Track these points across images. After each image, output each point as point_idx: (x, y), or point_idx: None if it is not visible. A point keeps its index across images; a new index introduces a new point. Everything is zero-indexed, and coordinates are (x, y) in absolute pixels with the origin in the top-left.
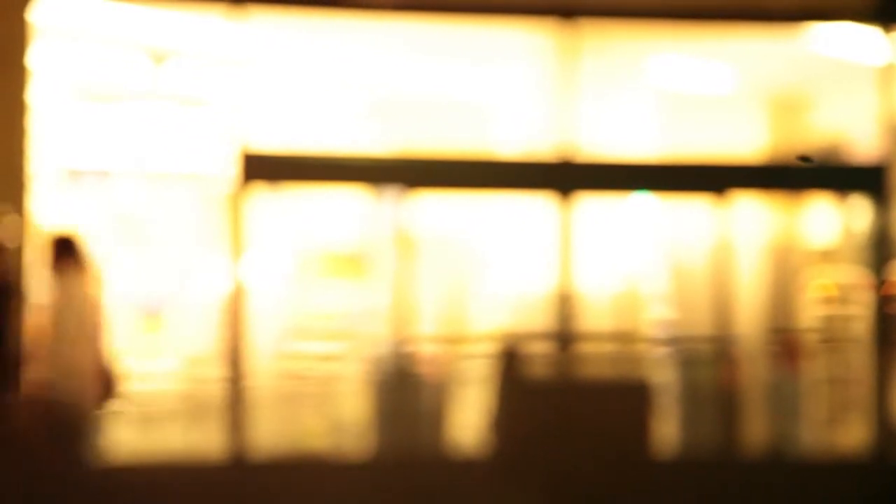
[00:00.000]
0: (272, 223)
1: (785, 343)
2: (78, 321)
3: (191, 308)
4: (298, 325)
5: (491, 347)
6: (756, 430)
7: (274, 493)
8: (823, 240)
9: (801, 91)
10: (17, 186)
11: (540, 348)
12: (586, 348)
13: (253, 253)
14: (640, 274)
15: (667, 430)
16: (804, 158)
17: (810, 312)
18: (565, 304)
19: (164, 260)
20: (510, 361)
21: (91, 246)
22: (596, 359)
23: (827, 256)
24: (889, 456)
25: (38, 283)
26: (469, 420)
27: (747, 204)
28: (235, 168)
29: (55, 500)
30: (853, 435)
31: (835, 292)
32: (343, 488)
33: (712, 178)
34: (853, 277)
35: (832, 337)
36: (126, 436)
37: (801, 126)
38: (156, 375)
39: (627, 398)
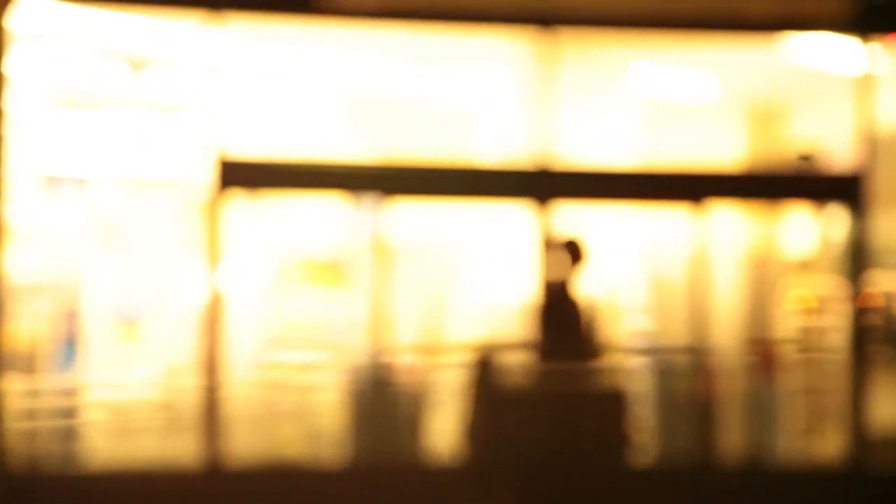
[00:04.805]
0: (250, 230)
1: (762, 353)
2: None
3: (169, 316)
4: (276, 334)
5: (467, 357)
6: (734, 440)
7: (251, 501)
8: (801, 250)
9: (780, 101)
10: None
11: (517, 358)
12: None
13: (231, 261)
14: (617, 283)
15: (644, 440)
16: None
17: (788, 323)
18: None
19: (143, 268)
20: (485, 371)
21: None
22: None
23: (805, 267)
24: (865, 465)
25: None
26: (446, 429)
27: (725, 213)
28: (212, 175)
29: None
30: (830, 445)
31: (814, 303)
32: (320, 496)
33: (690, 187)
34: (831, 288)
35: (809, 347)
36: (103, 445)
37: (779, 135)
38: (133, 384)
39: (604, 408)
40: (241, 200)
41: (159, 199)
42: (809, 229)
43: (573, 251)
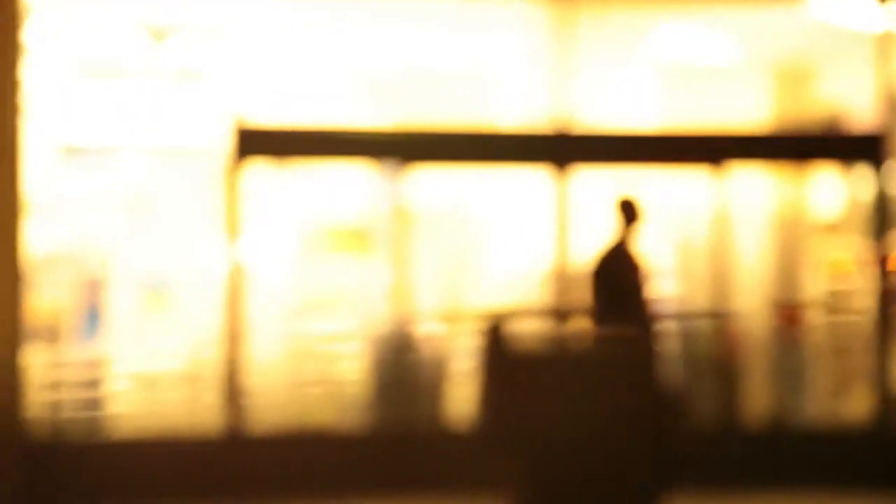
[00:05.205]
0: (273, 199)
1: (788, 315)
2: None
3: (194, 286)
4: (299, 302)
5: (483, 323)
6: (761, 402)
7: (274, 467)
8: (827, 211)
9: (804, 60)
10: (9, 164)
11: (537, 324)
12: (584, 323)
13: (254, 229)
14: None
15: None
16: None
17: (815, 284)
18: (563, 278)
19: (167, 237)
20: (498, 337)
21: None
22: (594, 333)
23: (831, 228)
24: (891, 426)
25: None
26: (469, 395)
27: (751, 175)
28: (233, 143)
29: None
30: (856, 406)
31: (847, 266)
32: (342, 464)
33: (711, 149)
34: (857, 249)
35: (836, 309)
36: (128, 414)
37: (803, 96)
38: (159, 354)
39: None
40: (261, 168)
41: (183, 168)
42: (835, 190)
43: (628, 210)
